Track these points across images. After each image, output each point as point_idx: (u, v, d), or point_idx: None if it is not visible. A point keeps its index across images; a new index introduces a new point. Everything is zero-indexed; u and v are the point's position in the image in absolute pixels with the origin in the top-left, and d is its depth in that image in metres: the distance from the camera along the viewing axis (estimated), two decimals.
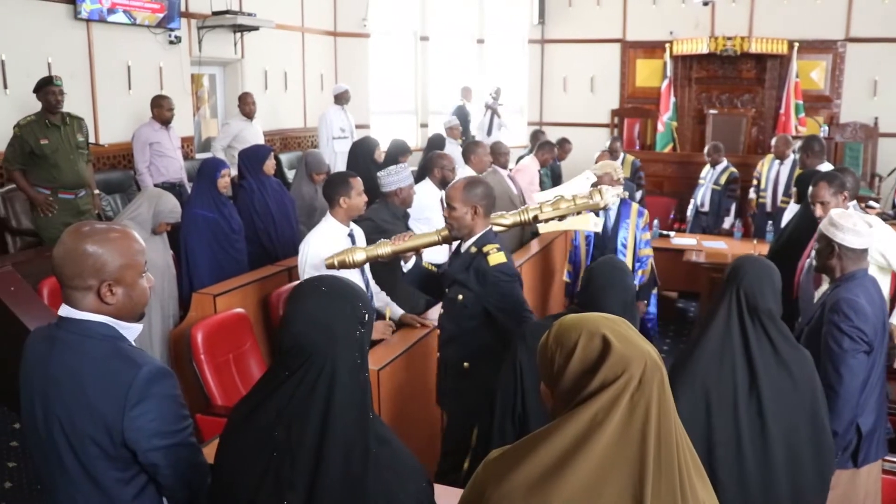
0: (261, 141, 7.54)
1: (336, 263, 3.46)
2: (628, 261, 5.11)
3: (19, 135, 5.40)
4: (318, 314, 1.65)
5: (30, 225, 5.88)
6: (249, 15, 8.41)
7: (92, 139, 6.33)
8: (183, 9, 7.85)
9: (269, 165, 5.49)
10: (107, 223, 1.99)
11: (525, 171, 7.15)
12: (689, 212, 8.35)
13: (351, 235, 4.08)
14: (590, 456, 1.38)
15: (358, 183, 4.08)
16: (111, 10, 6.94)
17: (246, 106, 7.77)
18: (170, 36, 7.71)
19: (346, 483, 1.58)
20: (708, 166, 8.16)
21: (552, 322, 1.61)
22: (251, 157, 5.51)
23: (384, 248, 3.43)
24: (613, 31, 11.64)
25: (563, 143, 8.69)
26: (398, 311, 4.13)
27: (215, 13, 8.19)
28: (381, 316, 3.88)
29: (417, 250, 3.54)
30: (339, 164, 8.31)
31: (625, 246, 5.16)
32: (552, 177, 8.41)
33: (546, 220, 3.44)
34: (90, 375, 1.81)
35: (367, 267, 3.97)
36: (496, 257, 3.20)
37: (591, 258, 5.20)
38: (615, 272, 2.76)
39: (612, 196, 3.36)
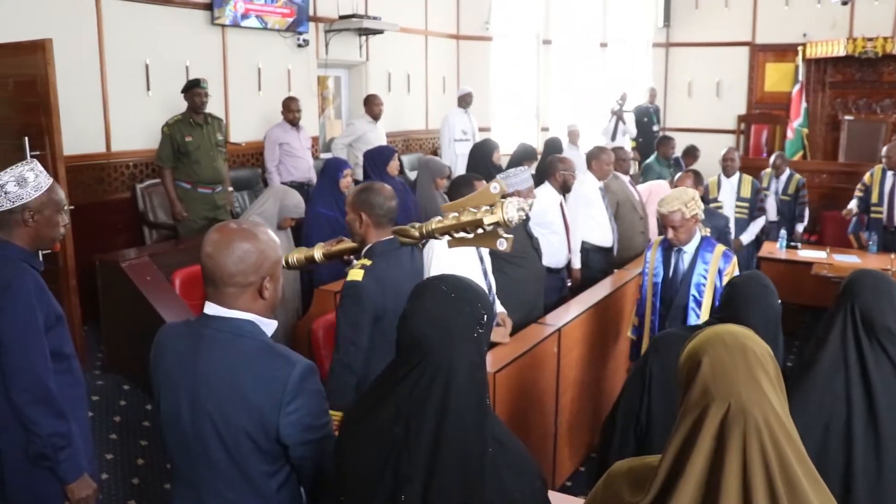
0: (384, 143, 7.67)
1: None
2: (704, 315, 3.85)
3: (168, 133, 5.72)
4: (436, 312, 1.66)
5: (166, 219, 6.19)
6: (375, 18, 8.59)
7: None
8: (311, 13, 8.10)
9: (393, 166, 5.61)
10: (246, 221, 2.04)
11: (658, 195, 6.88)
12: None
13: None
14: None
15: (482, 185, 4.09)
16: (244, 16, 7.24)
17: (375, 107, 7.86)
18: (298, 39, 7.97)
19: (463, 480, 1.59)
20: (771, 176, 7.66)
21: (689, 332, 1.56)
22: (376, 158, 5.64)
23: (318, 251, 3.33)
24: (742, 34, 11.18)
25: (693, 151, 8.53)
26: (498, 309, 4.03)
27: (342, 17, 8.40)
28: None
29: (342, 255, 3.32)
30: (459, 166, 8.38)
31: (700, 296, 3.92)
32: None
33: (441, 236, 2.99)
34: (247, 373, 1.85)
35: (489, 269, 3.98)
36: (352, 273, 2.98)
37: (657, 314, 4.10)
38: (760, 288, 2.58)
39: (514, 211, 2.68)
